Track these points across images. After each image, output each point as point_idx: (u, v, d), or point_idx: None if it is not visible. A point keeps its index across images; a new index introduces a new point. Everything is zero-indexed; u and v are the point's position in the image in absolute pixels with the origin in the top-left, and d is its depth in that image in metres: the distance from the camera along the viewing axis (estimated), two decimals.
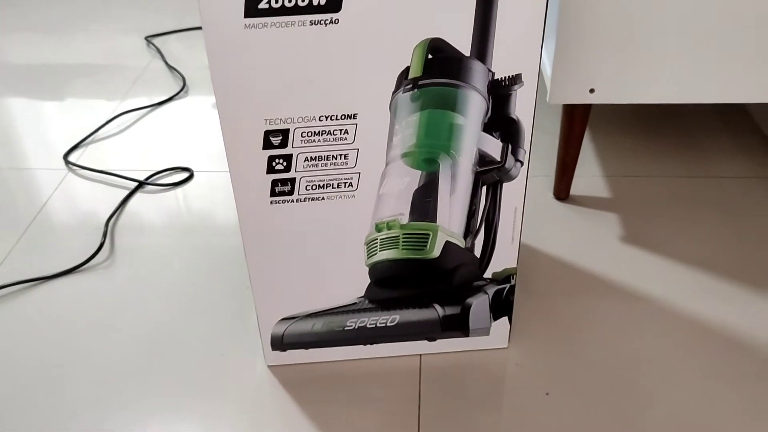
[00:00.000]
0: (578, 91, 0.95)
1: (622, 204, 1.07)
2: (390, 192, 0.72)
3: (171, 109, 1.33)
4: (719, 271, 0.95)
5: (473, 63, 0.65)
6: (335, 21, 0.61)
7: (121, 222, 1.05)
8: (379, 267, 0.77)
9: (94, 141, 1.24)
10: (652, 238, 1.01)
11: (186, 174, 1.15)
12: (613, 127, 1.25)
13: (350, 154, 0.69)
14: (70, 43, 1.59)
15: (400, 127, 0.68)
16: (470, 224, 0.75)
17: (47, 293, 0.93)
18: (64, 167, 1.17)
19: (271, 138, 0.67)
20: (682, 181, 1.11)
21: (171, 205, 1.09)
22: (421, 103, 0.67)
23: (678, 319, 0.88)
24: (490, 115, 0.68)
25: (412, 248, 0.75)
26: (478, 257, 0.77)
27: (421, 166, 0.70)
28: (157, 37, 1.58)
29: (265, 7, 0.60)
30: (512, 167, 0.71)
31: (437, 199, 0.72)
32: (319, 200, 0.72)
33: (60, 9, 1.76)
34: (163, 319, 0.89)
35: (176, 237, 1.02)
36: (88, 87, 1.41)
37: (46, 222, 1.06)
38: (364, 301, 0.79)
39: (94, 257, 0.98)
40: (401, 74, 0.65)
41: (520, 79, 0.66)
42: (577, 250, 0.99)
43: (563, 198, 1.09)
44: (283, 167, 0.69)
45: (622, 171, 1.14)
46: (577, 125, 1.02)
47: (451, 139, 0.69)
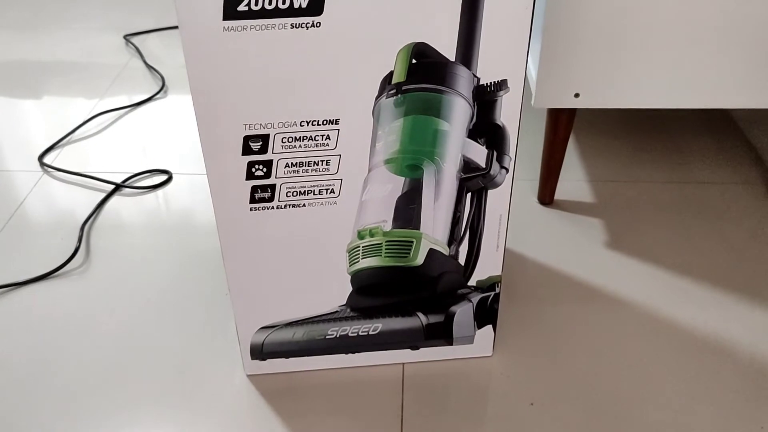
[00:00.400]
0: (563, 96, 0.94)
1: (606, 209, 1.07)
2: (373, 199, 0.70)
3: (150, 110, 1.31)
4: (704, 277, 0.94)
5: (458, 68, 0.63)
6: (317, 24, 0.59)
7: (97, 226, 1.03)
8: (362, 275, 0.75)
9: (71, 142, 1.21)
10: (637, 244, 1.00)
11: (165, 176, 1.13)
12: (599, 130, 1.24)
13: (332, 160, 0.67)
14: (47, 41, 1.56)
15: (384, 132, 0.66)
16: (454, 231, 0.73)
17: (19, 300, 0.90)
18: (39, 169, 1.14)
19: (251, 143, 0.65)
20: (667, 186, 1.11)
21: (149, 208, 1.07)
22: (405, 108, 0.65)
23: (663, 325, 0.87)
24: (475, 121, 0.67)
25: (396, 256, 0.74)
26: (462, 265, 0.76)
27: (405, 172, 0.69)
28: (137, 35, 1.55)
29: (244, 9, 0.58)
30: (497, 174, 0.70)
31: (421, 206, 0.71)
32: (300, 207, 0.70)
33: (37, 6, 1.72)
34: (139, 327, 0.87)
35: (154, 241, 1.00)
36: (65, 86, 1.38)
37: (20, 226, 1.03)
38: (346, 310, 0.78)
39: (68, 262, 0.96)
40: (384, 79, 0.63)
41: (505, 85, 0.65)
42: (562, 256, 0.98)
43: (548, 203, 1.08)
44: (263, 173, 0.67)
45: (607, 176, 1.13)
46: (562, 129, 1.01)
47: (435, 146, 0.67)
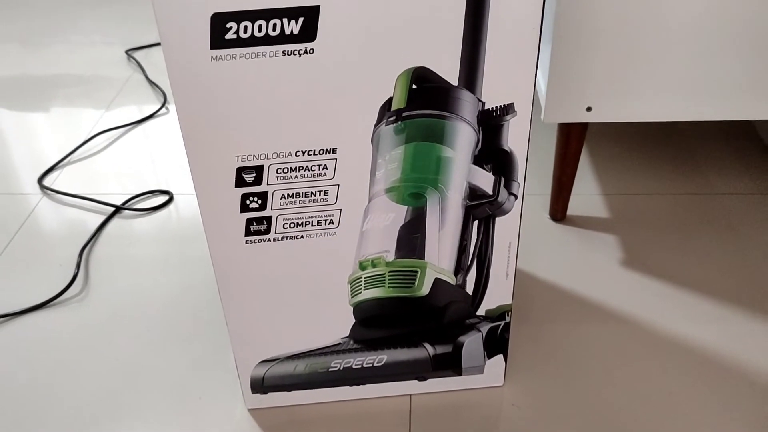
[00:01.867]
0: (574, 110, 0.90)
1: (621, 224, 1.03)
2: (374, 228, 0.67)
3: (151, 127, 1.28)
4: (723, 294, 0.90)
5: (461, 93, 0.60)
6: (310, 51, 0.56)
7: (96, 251, 1.00)
8: (364, 306, 0.72)
9: (71, 162, 1.19)
10: (653, 260, 0.96)
11: (165, 197, 1.10)
12: (611, 143, 1.20)
13: (330, 190, 0.64)
14: (50, 55, 1.54)
15: (384, 161, 0.63)
16: (461, 260, 0.70)
17: (16, 330, 0.88)
18: (39, 192, 1.12)
19: (244, 175, 0.62)
20: (683, 198, 1.07)
21: (149, 231, 1.04)
22: (406, 135, 0.62)
23: (682, 347, 0.83)
24: (481, 147, 0.63)
25: (400, 286, 0.70)
26: (470, 294, 0.72)
27: (407, 201, 0.65)
28: (139, 50, 1.53)
29: (232, 37, 0.55)
30: (505, 201, 0.67)
31: (425, 235, 0.68)
32: (298, 239, 0.67)
33: (41, 20, 1.70)
34: (139, 358, 0.84)
35: (153, 267, 0.97)
36: (68, 100, 1.36)
37: (18, 252, 1.01)
38: (349, 341, 0.75)
39: (66, 290, 0.93)
40: (383, 106, 0.60)
41: (512, 108, 0.61)
42: (575, 275, 0.94)
43: (560, 218, 1.04)
44: (258, 205, 0.64)
45: (621, 189, 1.09)
46: (573, 144, 0.97)
47: (438, 173, 0.64)
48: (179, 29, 0.54)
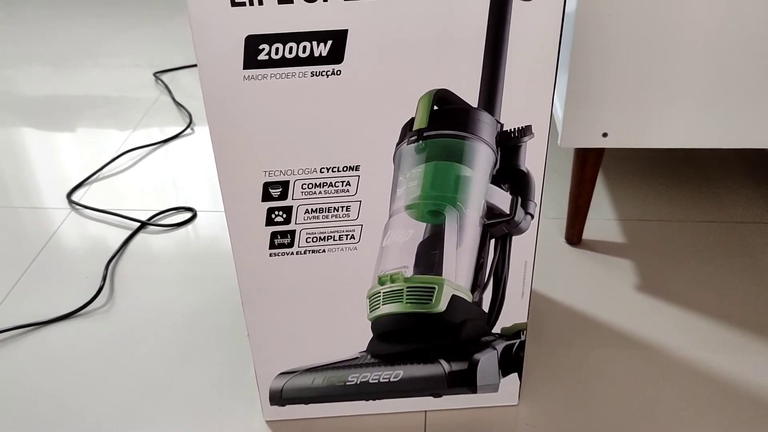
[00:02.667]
0: (591, 135, 0.92)
1: (637, 249, 1.04)
2: (393, 244, 0.69)
3: (177, 147, 1.32)
4: (739, 322, 0.91)
5: (481, 114, 0.62)
6: (337, 72, 0.59)
7: (121, 264, 1.03)
8: (382, 321, 0.73)
9: (99, 179, 1.23)
10: (669, 286, 0.97)
11: (189, 214, 1.13)
12: (628, 168, 1.22)
13: (352, 206, 0.67)
14: (81, 76, 1.59)
15: (405, 178, 0.65)
16: (478, 278, 0.72)
17: (42, 340, 0.91)
18: (68, 206, 1.16)
19: (271, 190, 0.65)
20: (700, 225, 1.08)
21: (173, 247, 1.07)
22: (427, 154, 0.64)
23: (696, 372, 0.84)
24: (499, 167, 0.66)
25: (417, 302, 0.72)
26: (486, 312, 0.74)
27: (426, 218, 0.67)
28: (167, 72, 1.58)
29: (264, 58, 0.58)
30: (522, 220, 0.68)
31: (443, 252, 0.69)
32: (320, 253, 0.69)
33: (71, 43, 1.76)
34: (160, 369, 0.86)
35: (177, 281, 1.00)
36: (96, 120, 1.41)
37: (47, 264, 1.04)
38: (367, 356, 0.76)
39: (92, 302, 0.96)
40: (405, 126, 0.62)
41: (530, 130, 0.63)
42: (590, 298, 0.95)
43: (575, 243, 1.06)
44: (283, 219, 0.67)
45: (637, 214, 1.11)
46: (589, 168, 0.99)
47: (457, 191, 0.66)
48: (215, 50, 0.57)
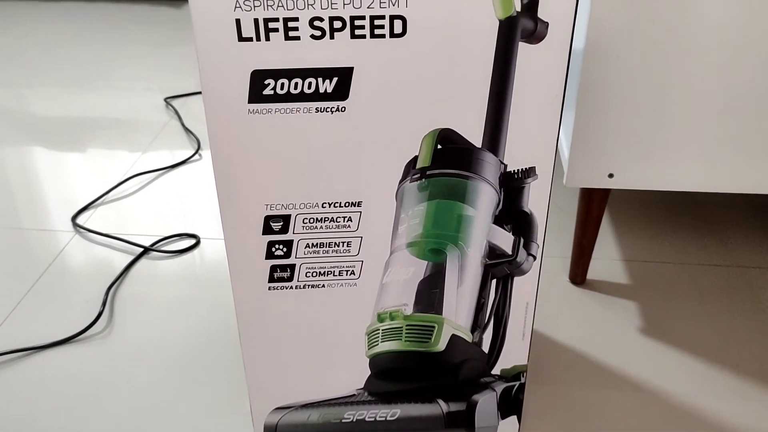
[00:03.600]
0: (596, 176, 0.92)
1: (641, 291, 1.03)
2: (394, 281, 0.68)
3: (184, 172, 1.32)
4: (743, 368, 0.89)
5: (484, 155, 0.62)
6: (342, 109, 0.59)
7: (122, 290, 1.03)
8: (381, 358, 0.73)
9: (104, 203, 1.23)
10: (673, 329, 0.95)
11: (192, 241, 1.13)
12: (634, 208, 1.21)
13: (353, 242, 0.66)
14: (92, 98, 1.61)
15: (407, 216, 0.65)
16: (478, 318, 0.71)
17: (40, 364, 0.90)
18: (72, 229, 1.16)
19: (272, 223, 0.65)
20: (706, 269, 1.07)
21: (175, 273, 1.06)
22: (429, 192, 0.64)
23: (698, 419, 0.82)
24: (502, 207, 0.65)
25: (416, 340, 0.71)
26: (486, 352, 0.73)
27: (428, 256, 0.67)
28: (177, 98, 1.59)
29: (270, 93, 0.58)
30: (524, 261, 0.68)
31: (444, 291, 0.69)
32: (320, 287, 0.68)
33: (87, 66, 1.79)
34: (155, 399, 0.85)
35: (177, 308, 0.99)
36: (105, 144, 1.42)
37: (48, 287, 1.03)
38: (364, 393, 0.75)
39: (91, 327, 0.95)
40: (409, 163, 0.62)
41: (534, 172, 0.63)
42: (593, 340, 0.94)
43: (579, 282, 1.05)
44: (283, 253, 0.66)
45: (643, 256, 1.10)
46: (595, 208, 0.98)
47: (459, 230, 0.66)
48: (220, 83, 0.57)
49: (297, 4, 0.54)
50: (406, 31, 0.55)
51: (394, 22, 0.55)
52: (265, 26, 0.55)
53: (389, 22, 0.55)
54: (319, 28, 0.55)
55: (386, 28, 0.55)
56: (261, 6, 0.54)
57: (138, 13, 2.15)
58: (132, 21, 2.10)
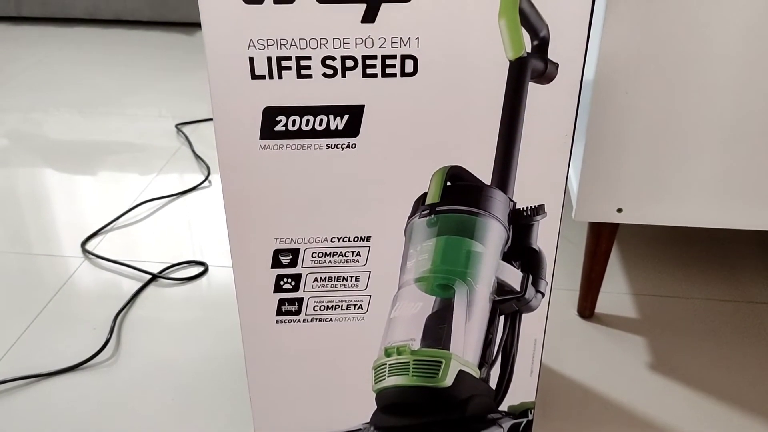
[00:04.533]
0: (605, 210, 0.92)
1: (650, 325, 1.02)
2: (402, 316, 0.68)
3: (193, 199, 1.33)
4: (754, 407, 0.88)
5: (493, 192, 0.62)
6: (352, 145, 0.59)
7: (130, 317, 1.03)
8: (387, 393, 0.72)
9: (114, 229, 1.24)
10: (682, 366, 0.94)
11: (201, 268, 1.13)
12: (644, 242, 1.20)
13: (361, 276, 0.66)
14: (105, 123, 1.63)
15: (415, 251, 0.65)
16: (486, 354, 0.70)
17: (46, 392, 0.90)
18: (81, 255, 1.17)
19: (281, 257, 0.65)
20: (717, 304, 1.06)
21: (182, 301, 1.07)
22: (438, 229, 0.64)
23: None
24: (511, 244, 0.65)
25: (423, 375, 0.71)
26: (493, 389, 0.72)
27: (436, 291, 0.67)
28: (188, 124, 1.60)
29: (281, 129, 0.59)
30: (532, 298, 0.68)
31: (451, 326, 0.69)
32: (327, 321, 0.68)
33: (101, 92, 1.81)
34: (160, 428, 0.85)
35: (183, 337, 0.99)
36: (115, 169, 1.43)
37: (56, 313, 1.04)
38: (370, 428, 0.74)
39: (98, 354, 0.95)
40: (418, 200, 0.63)
41: (543, 210, 0.63)
42: (601, 375, 0.93)
43: (588, 316, 1.04)
44: (291, 286, 0.66)
45: (652, 290, 1.09)
46: (603, 242, 0.98)
47: (468, 266, 0.66)
48: (233, 119, 0.58)
49: (310, 44, 0.55)
50: (417, 70, 0.56)
51: (405, 61, 0.56)
52: (278, 64, 0.55)
53: (401, 61, 0.56)
54: (331, 66, 0.56)
55: (398, 67, 0.56)
56: (274, 45, 0.55)
57: (151, 39, 2.18)
58: (145, 47, 2.13)
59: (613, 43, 0.81)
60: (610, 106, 0.85)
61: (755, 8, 0.78)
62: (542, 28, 0.55)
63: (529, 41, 0.56)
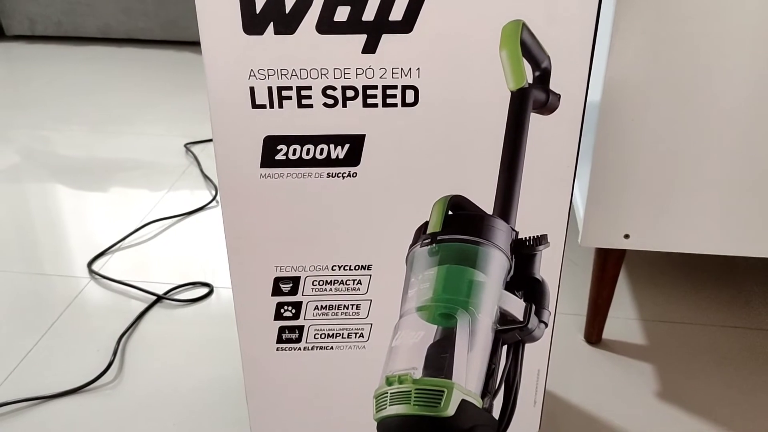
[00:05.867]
0: (612, 236, 0.91)
1: (659, 353, 1.00)
2: (403, 345, 0.67)
3: (200, 219, 1.33)
4: None
5: (495, 221, 0.62)
6: (353, 174, 0.59)
7: (134, 339, 1.03)
8: (388, 422, 0.71)
9: (121, 248, 1.24)
10: (691, 395, 0.93)
11: (206, 290, 1.13)
12: (652, 266, 1.19)
13: (362, 305, 0.66)
14: (114, 142, 1.64)
15: (417, 280, 0.65)
16: (489, 384, 0.69)
17: (48, 414, 0.90)
18: (87, 275, 1.17)
19: (281, 285, 0.64)
20: (728, 331, 1.04)
21: (187, 322, 1.06)
22: (440, 257, 0.63)
23: None
24: (513, 274, 0.65)
25: (425, 404, 0.70)
26: (496, 419, 0.71)
27: (438, 320, 0.66)
28: (197, 144, 1.61)
29: (282, 158, 0.58)
30: (535, 328, 0.67)
31: (453, 356, 0.68)
32: (328, 349, 0.68)
33: (113, 111, 1.82)
34: None
35: (187, 360, 0.99)
36: (124, 186, 1.44)
37: (60, 334, 1.04)
38: None
39: (101, 377, 0.95)
40: (419, 228, 0.62)
41: (545, 239, 0.63)
42: (607, 403, 0.92)
43: (594, 342, 1.03)
44: (292, 314, 0.66)
45: (661, 315, 1.07)
46: (610, 268, 0.97)
47: (470, 296, 0.65)
48: (233, 148, 0.58)
49: (310, 74, 0.55)
50: (418, 100, 0.56)
51: (406, 92, 0.55)
52: (279, 94, 0.55)
53: (401, 92, 0.55)
54: (332, 96, 0.56)
55: (398, 97, 0.56)
56: (275, 75, 0.55)
57: (162, 57, 2.20)
58: (156, 65, 2.15)
59: (619, 68, 0.81)
60: (616, 132, 0.84)
61: (765, 34, 0.77)
62: (544, 59, 0.55)
63: (531, 72, 0.55)
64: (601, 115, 0.83)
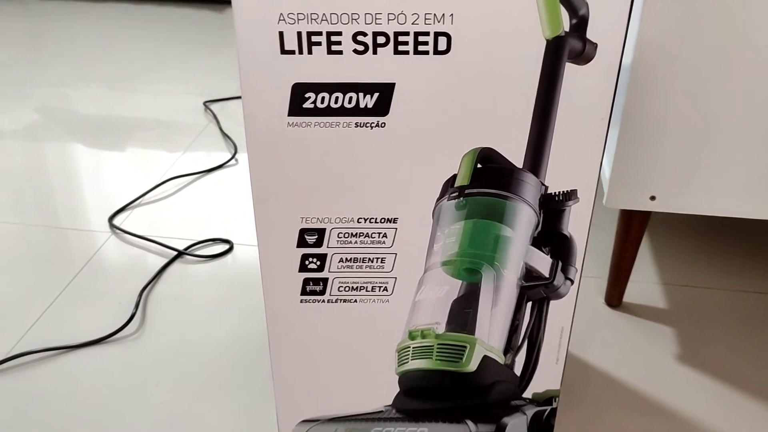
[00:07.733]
0: (638, 198, 0.89)
1: (680, 316, 1.00)
2: (427, 299, 0.67)
3: (219, 177, 1.33)
4: None
5: (525, 175, 0.61)
6: (382, 124, 0.58)
7: (155, 292, 1.04)
8: (410, 376, 0.71)
9: (141, 204, 1.24)
10: (711, 358, 0.92)
11: (226, 246, 1.13)
12: (676, 230, 1.18)
13: (387, 258, 0.65)
14: (134, 99, 1.64)
15: (443, 234, 0.64)
16: (511, 340, 0.69)
17: (70, 364, 0.91)
18: (108, 230, 1.17)
19: (306, 236, 0.64)
20: (749, 296, 1.03)
21: (207, 278, 1.07)
22: (467, 212, 0.63)
23: None
24: (541, 230, 0.64)
25: (447, 359, 0.70)
26: (518, 375, 0.71)
27: (462, 275, 0.66)
28: (216, 102, 1.60)
29: (310, 106, 0.58)
30: (561, 285, 0.66)
31: (477, 311, 0.67)
32: (352, 302, 0.68)
33: (131, 69, 1.82)
34: (181, 407, 0.85)
35: (208, 314, 1.00)
36: (143, 145, 1.44)
37: (82, 287, 1.05)
38: (392, 410, 0.74)
39: (123, 329, 0.96)
40: (447, 182, 0.61)
41: (575, 195, 0.62)
42: (628, 365, 0.92)
43: (615, 305, 1.02)
44: (317, 266, 0.66)
45: (682, 280, 1.07)
46: (634, 230, 0.96)
47: (496, 251, 0.64)
48: (261, 95, 0.57)
49: (341, 19, 0.53)
50: (450, 48, 0.55)
51: (438, 39, 0.54)
52: (308, 40, 0.54)
53: (433, 38, 0.54)
54: (362, 43, 0.54)
55: (430, 44, 0.54)
56: (305, 19, 0.54)
57: (182, 16, 2.19)
58: (175, 24, 2.13)
59: (652, 27, 0.78)
60: (647, 92, 0.82)
61: None
62: (582, 6, 0.53)
63: (568, 20, 0.54)
64: (632, 74, 0.82)
